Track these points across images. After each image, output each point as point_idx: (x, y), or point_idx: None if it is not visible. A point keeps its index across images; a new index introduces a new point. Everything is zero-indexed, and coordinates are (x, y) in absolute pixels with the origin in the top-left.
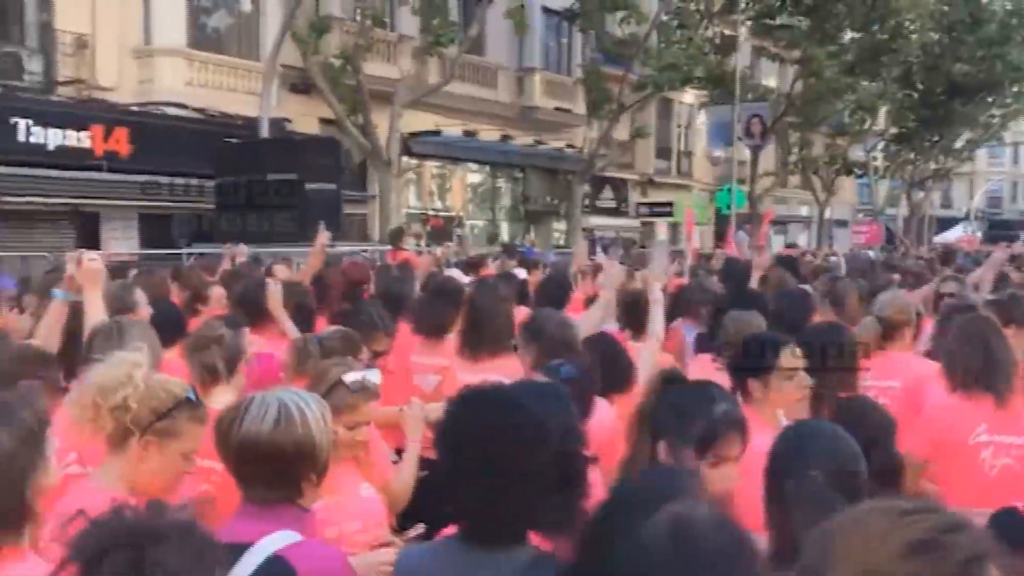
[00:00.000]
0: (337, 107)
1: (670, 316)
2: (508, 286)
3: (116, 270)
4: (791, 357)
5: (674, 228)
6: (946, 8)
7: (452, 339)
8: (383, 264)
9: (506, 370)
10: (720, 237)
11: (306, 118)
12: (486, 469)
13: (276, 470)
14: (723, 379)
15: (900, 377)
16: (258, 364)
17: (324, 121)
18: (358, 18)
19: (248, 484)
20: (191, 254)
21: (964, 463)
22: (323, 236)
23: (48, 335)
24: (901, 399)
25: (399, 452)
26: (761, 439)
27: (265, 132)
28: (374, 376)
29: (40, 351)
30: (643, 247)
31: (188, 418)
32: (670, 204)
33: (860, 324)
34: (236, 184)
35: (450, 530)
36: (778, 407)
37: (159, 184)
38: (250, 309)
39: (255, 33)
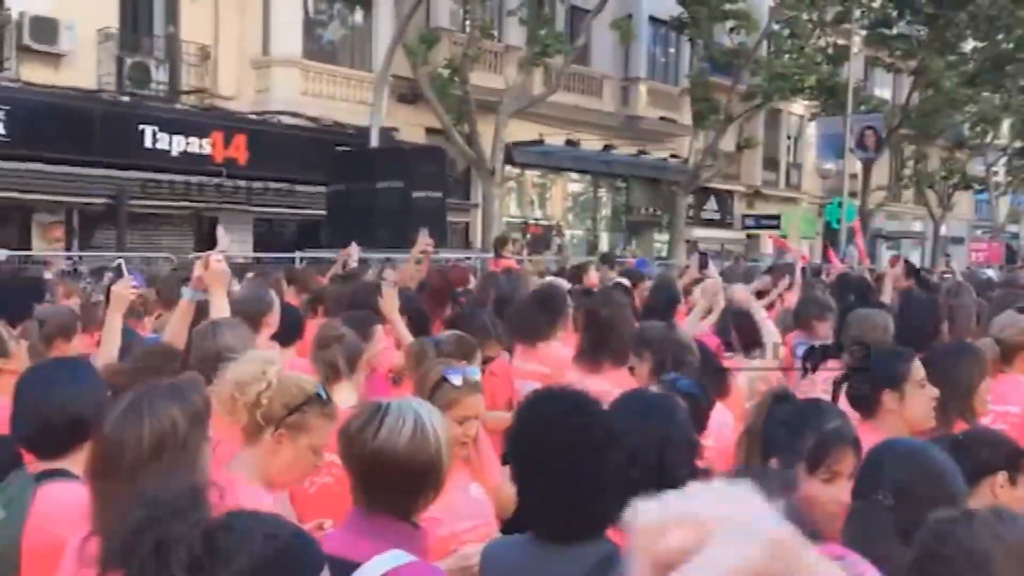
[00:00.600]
0: (444, 117)
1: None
2: (624, 296)
3: (233, 271)
4: (921, 368)
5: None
6: None
7: (553, 346)
8: (491, 272)
9: (630, 381)
10: (827, 251)
11: (413, 127)
12: (552, 469)
13: (403, 483)
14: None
15: (1019, 402)
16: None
17: (430, 130)
18: (467, 29)
19: (369, 494)
20: (303, 258)
21: None
22: (424, 240)
23: (176, 333)
24: (1020, 424)
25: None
26: None
27: (375, 141)
28: (474, 372)
29: (168, 348)
30: (753, 260)
31: (318, 414)
32: (777, 217)
33: (979, 343)
34: (347, 191)
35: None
36: (908, 422)
37: (272, 190)
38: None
39: (367, 44)
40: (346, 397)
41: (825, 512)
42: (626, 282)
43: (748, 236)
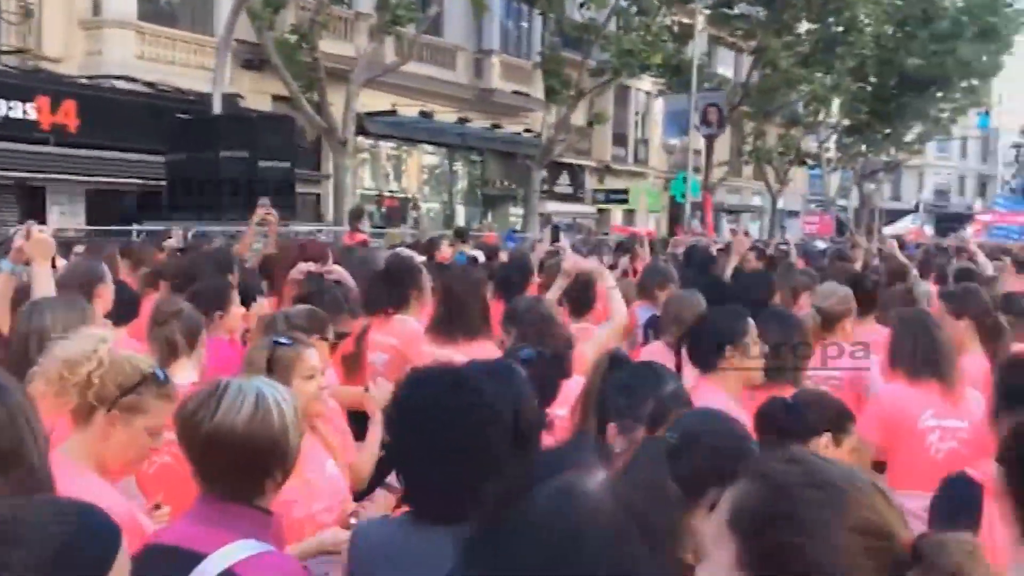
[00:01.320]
0: (292, 84)
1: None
2: (479, 271)
3: (62, 246)
4: (754, 326)
5: (629, 215)
6: (900, 3)
7: (406, 319)
8: (345, 245)
9: (483, 353)
10: (675, 224)
11: (259, 95)
12: (436, 449)
13: (245, 466)
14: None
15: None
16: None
17: (277, 98)
18: None
19: (210, 478)
20: (140, 231)
21: (912, 447)
22: (264, 209)
23: None
24: (844, 391)
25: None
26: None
27: (218, 108)
28: (298, 334)
29: None
30: (603, 233)
31: (155, 394)
32: (626, 191)
33: (801, 315)
34: (188, 160)
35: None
36: (746, 377)
37: (107, 159)
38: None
39: (209, 7)
40: (186, 375)
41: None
42: (480, 255)
43: (599, 210)
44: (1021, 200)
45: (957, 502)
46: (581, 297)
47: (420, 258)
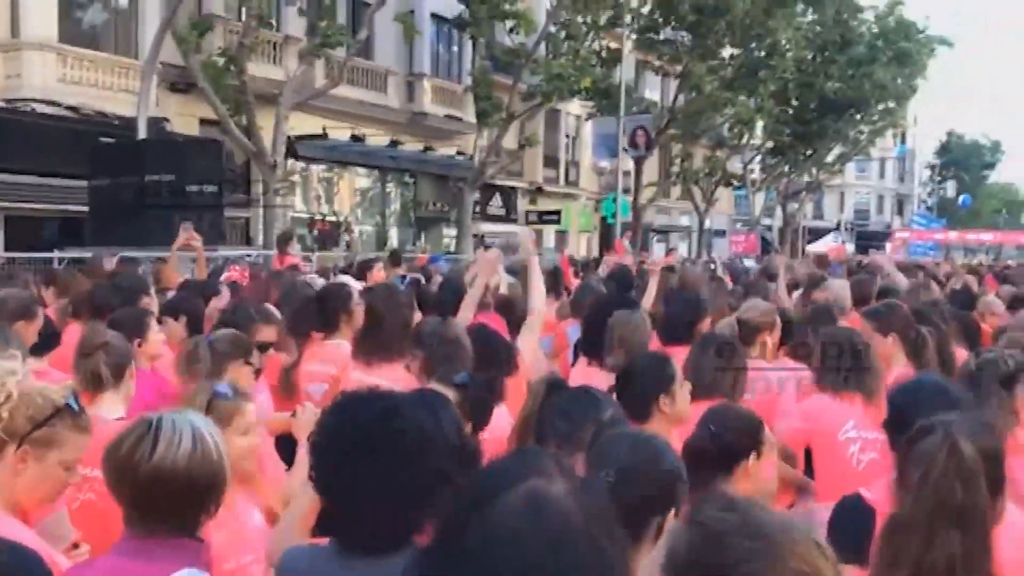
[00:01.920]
0: (220, 107)
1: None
2: (407, 292)
3: None
4: (678, 368)
5: (561, 236)
6: (819, 29)
7: (340, 344)
8: (274, 270)
9: (399, 376)
10: (605, 245)
11: (186, 118)
12: (365, 478)
13: (185, 503)
14: (603, 382)
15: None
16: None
17: (205, 122)
18: (243, 17)
19: (147, 516)
20: (62, 258)
21: (834, 457)
22: (187, 234)
23: None
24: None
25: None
26: None
27: (143, 132)
28: (239, 386)
29: None
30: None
31: (69, 426)
32: (558, 212)
33: (719, 325)
34: (111, 186)
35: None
36: (675, 419)
37: (26, 184)
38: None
39: (133, 29)
40: (113, 409)
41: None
42: (421, 278)
43: (531, 231)
44: (936, 219)
45: (849, 525)
46: (513, 320)
47: (355, 283)
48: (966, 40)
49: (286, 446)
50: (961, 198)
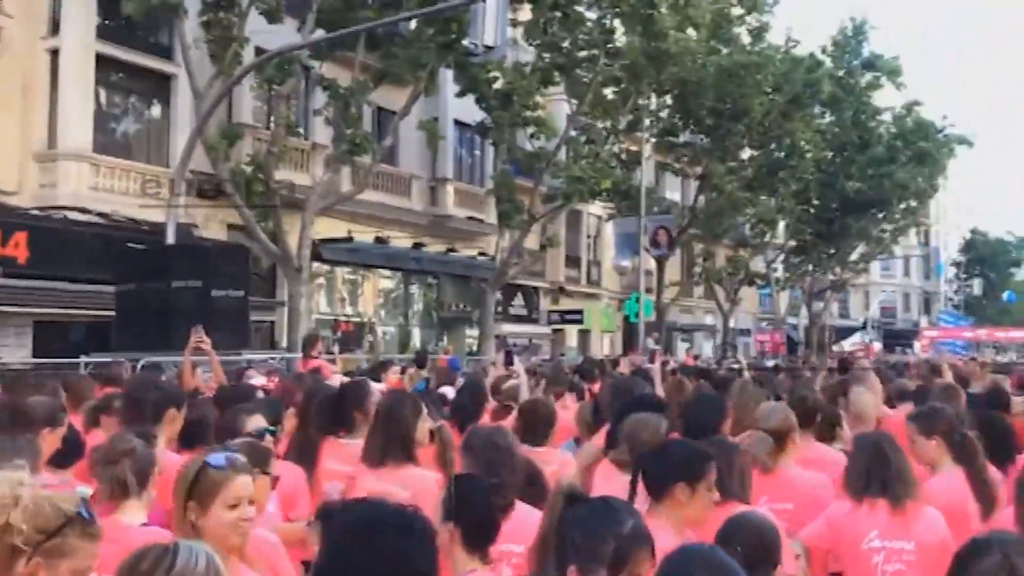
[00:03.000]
0: (247, 213)
1: None
2: (416, 396)
3: (9, 380)
4: (715, 472)
5: (583, 336)
6: (837, 130)
7: (355, 444)
8: (298, 372)
9: (408, 480)
10: (628, 344)
11: (214, 224)
12: None
13: None
14: (623, 482)
15: (793, 499)
16: None
17: (232, 227)
18: (271, 126)
19: None
20: (88, 363)
21: (858, 567)
22: (196, 337)
23: None
24: (796, 519)
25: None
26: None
27: (171, 238)
28: (237, 456)
29: None
30: (560, 355)
31: (80, 535)
32: (580, 312)
33: (753, 440)
34: (139, 291)
35: None
36: (693, 518)
37: (56, 290)
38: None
39: (164, 138)
40: (135, 515)
41: None
42: (449, 390)
43: (554, 331)
44: (963, 316)
45: None
46: (536, 424)
47: (377, 385)
48: (988, 137)
49: None
50: (1006, 294)
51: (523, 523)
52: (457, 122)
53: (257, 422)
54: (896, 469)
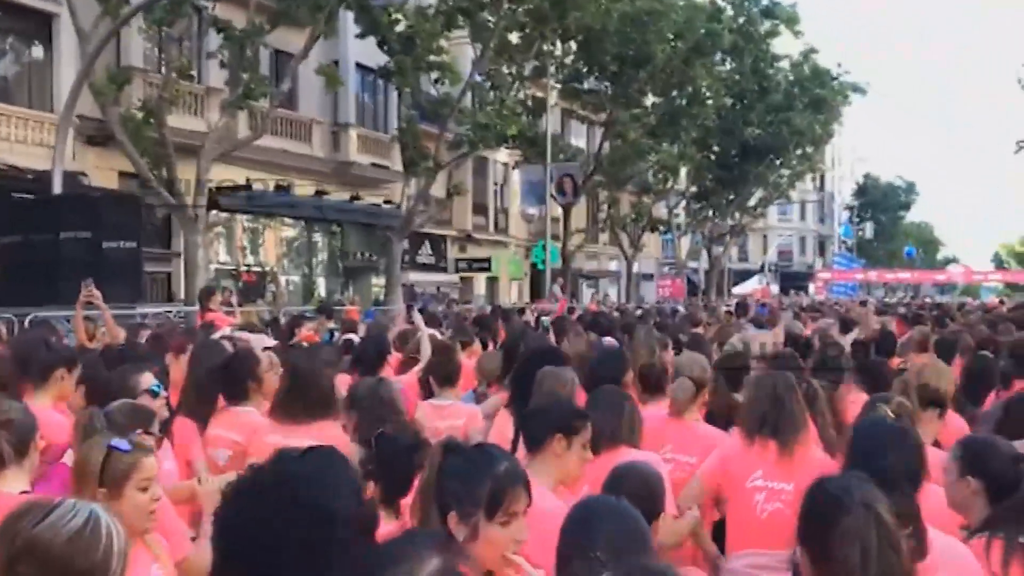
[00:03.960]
0: (139, 161)
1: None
2: (331, 350)
3: None
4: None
5: (492, 283)
6: (737, 77)
7: (246, 411)
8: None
9: (324, 435)
10: (535, 291)
11: (104, 171)
12: (266, 561)
13: None
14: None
15: (698, 452)
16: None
17: (124, 175)
18: (163, 70)
19: None
20: None
21: (740, 505)
22: (86, 291)
23: None
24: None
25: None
26: (551, 502)
27: (58, 187)
28: (137, 436)
29: None
30: (466, 302)
31: None
32: (488, 260)
33: (675, 386)
34: (24, 243)
35: None
36: (567, 473)
37: None
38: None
39: (47, 82)
40: (15, 483)
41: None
42: (355, 338)
43: (462, 279)
44: (855, 259)
45: None
46: (445, 372)
47: (271, 342)
48: (879, 86)
49: None
50: (907, 249)
51: None
52: (359, 65)
53: (148, 380)
54: (789, 413)
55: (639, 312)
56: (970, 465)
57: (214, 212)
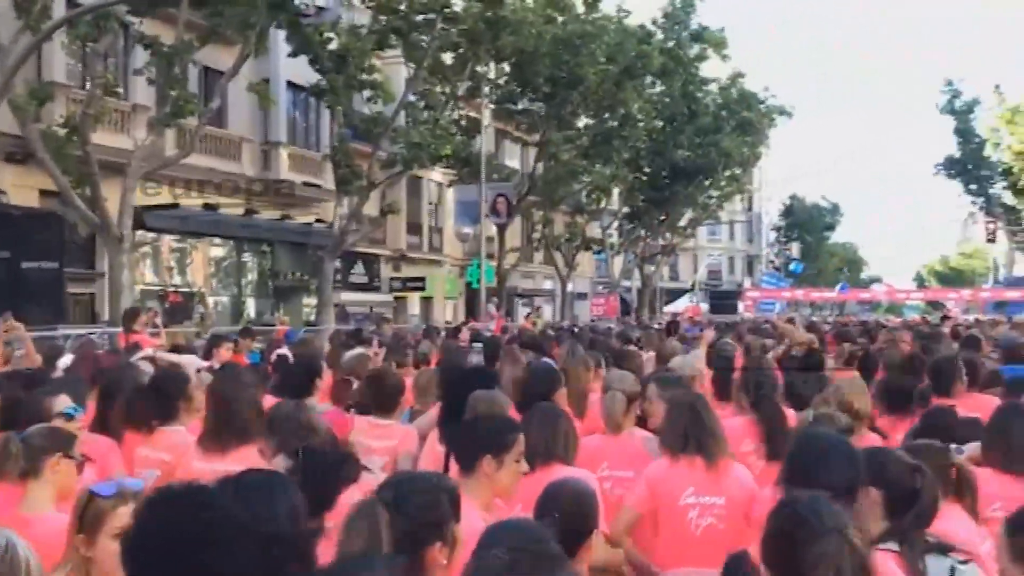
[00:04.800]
0: (60, 179)
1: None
2: (254, 372)
3: None
4: (522, 443)
5: (426, 303)
6: (667, 100)
7: (174, 431)
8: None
9: (249, 462)
10: (470, 311)
11: (24, 190)
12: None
13: None
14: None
15: (634, 467)
16: None
17: (45, 193)
18: (87, 86)
19: None
20: None
21: (674, 522)
22: (4, 323)
23: None
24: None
25: None
26: (478, 523)
27: None
28: (135, 484)
29: None
30: (403, 323)
31: None
32: (422, 279)
33: (608, 398)
34: None
35: None
36: (502, 489)
37: None
38: None
39: None
40: None
41: None
42: (288, 353)
43: (396, 298)
44: (782, 278)
45: None
46: (381, 396)
47: (202, 363)
48: (805, 109)
49: None
50: (792, 264)
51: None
52: (291, 84)
53: (63, 402)
54: (710, 429)
55: (575, 330)
56: (869, 475)
57: (140, 232)
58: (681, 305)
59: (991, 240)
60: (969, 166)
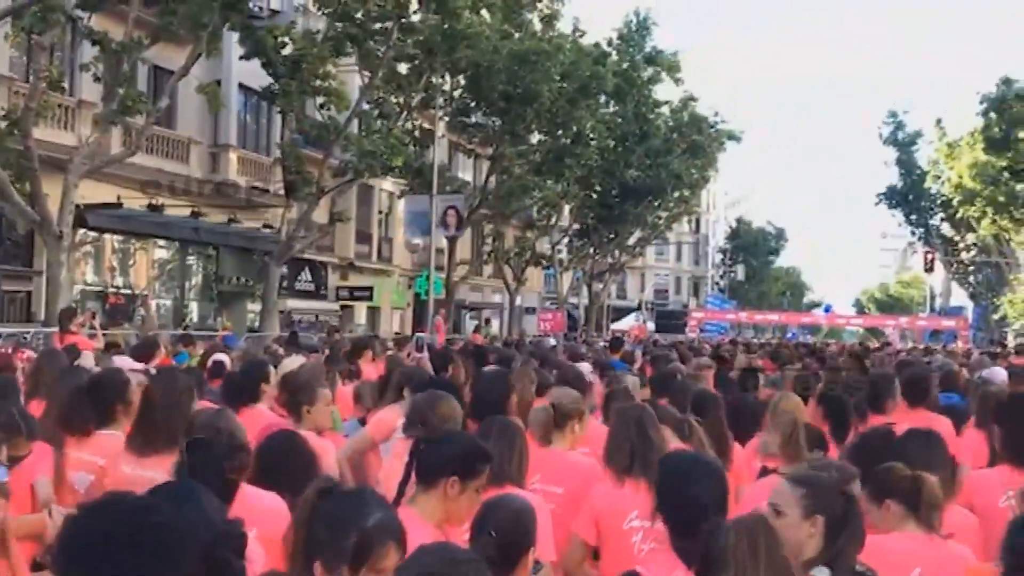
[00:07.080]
0: (0, 173)
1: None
2: (189, 376)
3: None
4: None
5: (373, 312)
6: (620, 120)
7: (111, 435)
8: (50, 349)
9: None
10: (418, 322)
11: None
12: None
13: None
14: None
15: (564, 483)
16: None
17: None
18: (31, 79)
19: None
20: None
21: (617, 547)
22: None
23: None
24: (565, 504)
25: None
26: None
27: None
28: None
29: None
30: (348, 332)
31: None
32: (370, 288)
33: (532, 411)
34: None
35: None
36: (456, 514)
37: None
38: None
39: None
40: None
41: None
42: (225, 359)
43: (342, 307)
44: (727, 300)
45: None
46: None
47: (138, 365)
48: (754, 134)
49: None
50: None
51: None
52: (242, 86)
53: None
54: (657, 449)
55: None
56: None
57: (82, 231)
58: (627, 323)
59: (929, 269)
60: (910, 196)
